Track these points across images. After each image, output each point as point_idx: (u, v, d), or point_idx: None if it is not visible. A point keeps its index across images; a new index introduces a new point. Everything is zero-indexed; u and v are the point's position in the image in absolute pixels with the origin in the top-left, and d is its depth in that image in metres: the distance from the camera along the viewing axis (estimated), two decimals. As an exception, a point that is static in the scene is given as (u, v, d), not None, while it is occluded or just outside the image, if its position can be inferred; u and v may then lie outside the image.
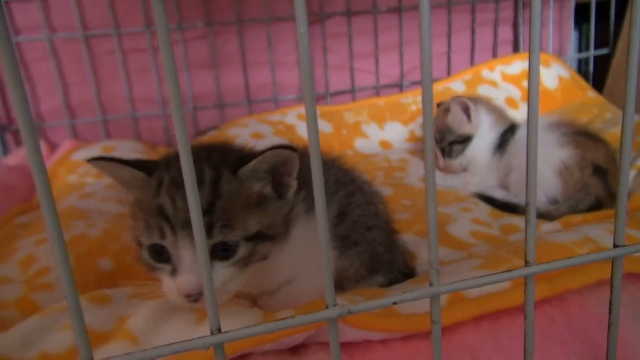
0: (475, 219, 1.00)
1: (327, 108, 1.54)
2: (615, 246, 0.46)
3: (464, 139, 1.21)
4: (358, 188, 0.77)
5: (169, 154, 0.63)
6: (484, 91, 1.55)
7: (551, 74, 1.60)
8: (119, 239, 0.88)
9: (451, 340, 0.55)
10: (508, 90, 1.57)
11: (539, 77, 0.41)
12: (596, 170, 1.00)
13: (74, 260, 0.78)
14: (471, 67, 1.69)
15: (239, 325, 0.41)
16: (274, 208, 0.59)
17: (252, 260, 0.56)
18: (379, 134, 1.53)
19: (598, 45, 1.74)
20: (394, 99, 1.60)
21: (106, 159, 0.56)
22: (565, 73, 1.63)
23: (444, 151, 1.25)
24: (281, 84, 1.58)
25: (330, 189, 0.70)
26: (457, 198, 1.14)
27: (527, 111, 0.42)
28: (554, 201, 1.02)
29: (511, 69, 1.61)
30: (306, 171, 0.46)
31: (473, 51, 1.73)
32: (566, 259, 0.44)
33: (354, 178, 0.80)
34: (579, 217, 0.93)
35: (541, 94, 1.57)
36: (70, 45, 1.41)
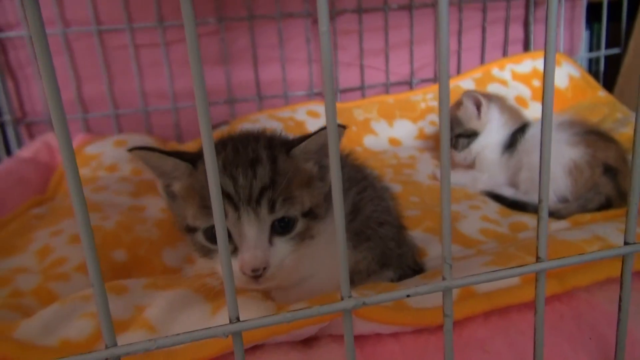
0: (484, 217, 1.00)
1: (337, 105, 1.53)
2: (626, 243, 0.46)
3: (470, 134, 1.23)
4: (369, 184, 0.78)
5: (217, 140, 0.65)
6: (494, 90, 1.55)
7: (562, 73, 1.60)
8: (132, 231, 0.90)
9: (461, 334, 0.56)
10: (518, 89, 1.57)
11: (554, 77, 0.42)
12: (607, 169, 1.00)
13: (89, 252, 0.80)
14: (481, 65, 1.69)
15: (254, 315, 0.42)
16: (318, 188, 0.62)
17: (306, 237, 0.59)
18: (388, 131, 1.53)
19: (609, 44, 1.73)
20: (403, 96, 1.61)
21: (148, 149, 0.58)
22: (575, 72, 1.63)
23: (451, 143, 1.26)
24: (291, 80, 1.59)
25: (344, 185, 0.71)
26: (466, 196, 1.15)
27: (541, 110, 0.43)
28: (564, 200, 1.02)
29: (521, 67, 1.61)
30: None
31: (483, 49, 1.73)
32: (577, 255, 0.45)
33: (365, 175, 0.81)
34: (588, 216, 0.94)
35: None
36: (84, 40, 1.43)
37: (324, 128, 0.57)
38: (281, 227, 0.57)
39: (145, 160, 0.59)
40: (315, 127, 1.42)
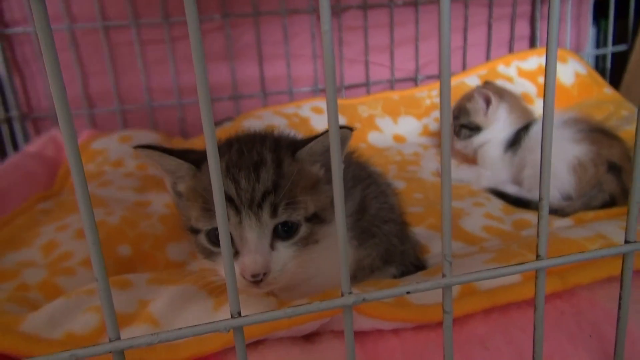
0: (487, 214, 1.00)
1: (341, 101, 1.55)
2: (627, 242, 0.47)
3: (473, 127, 1.23)
4: (373, 181, 0.79)
5: (223, 141, 0.65)
6: (501, 85, 1.54)
7: (568, 70, 1.59)
8: (136, 226, 0.90)
9: (462, 331, 0.56)
10: (524, 86, 1.56)
11: (556, 74, 0.42)
12: (611, 167, 1.00)
13: (94, 246, 0.80)
14: (487, 62, 1.68)
15: (256, 311, 0.43)
16: (324, 191, 0.61)
17: (309, 242, 0.58)
18: (392, 127, 1.53)
19: (616, 41, 1.72)
20: (408, 93, 1.61)
21: (152, 148, 0.58)
22: (582, 69, 1.62)
23: (454, 129, 1.28)
24: (296, 76, 1.59)
25: (348, 184, 0.71)
26: (470, 193, 1.15)
27: (542, 107, 0.43)
28: (568, 197, 1.02)
29: (527, 64, 1.61)
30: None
31: (489, 46, 1.73)
32: (577, 253, 0.45)
33: (369, 172, 0.81)
34: (591, 213, 0.93)
35: (557, 90, 1.56)
36: (90, 36, 1.44)
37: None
38: (284, 232, 0.56)
39: (149, 158, 0.59)
40: (320, 123, 1.43)
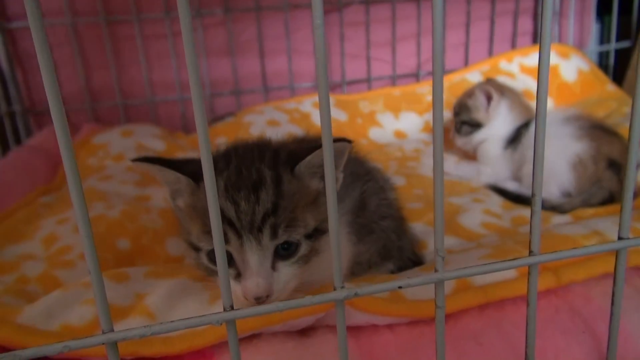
0: (486, 210, 1.00)
1: (342, 97, 1.55)
2: (620, 238, 0.47)
3: (474, 124, 1.23)
4: (372, 177, 0.79)
5: (221, 152, 0.63)
6: (502, 82, 1.54)
7: (570, 66, 1.58)
8: (136, 220, 0.91)
9: (456, 326, 0.56)
10: (525, 82, 1.56)
11: (549, 72, 0.42)
12: (610, 164, 1.00)
13: (93, 240, 0.81)
14: (489, 58, 1.68)
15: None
16: (324, 203, 0.58)
17: (311, 257, 0.57)
18: (393, 123, 1.53)
19: (620, 38, 1.71)
20: (410, 88, 1.60)
21: (150, 160, 0.56)
22: (584, 65, 1.61)
23: (455, 126, 1.28)
24: (297, 71, 1.59)
25: (347, 180, 0.71)
26: (469, 189, 1.15)
27: (535, 106, 0.43)
28: (567, 194, 1.02)
29: (529, 60, 1.60)
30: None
31: (492, 42, 1.72)
32: (570, 249, 0.45)
33: (368, 168, 0.81)
34: (591, 210, 0.93)
35: (559, 86, 1.58)
36: (92, 30, 1.44)
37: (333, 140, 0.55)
38: (284, 250, 0.55)
39: (149, 170, 0.58)
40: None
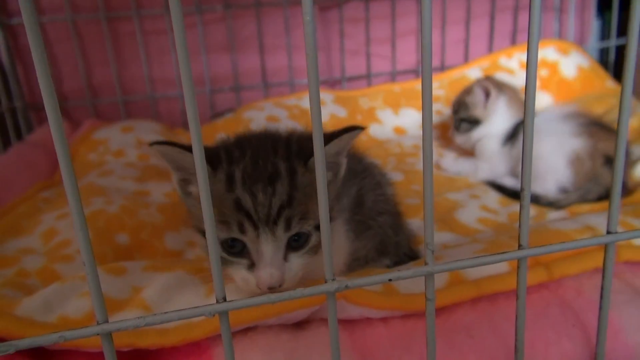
0: (483, 206, 1.01)
1: (342, 93, 1.55)
2: (609, 233, 0.47)
3: (473, 121, 1.23)
4: (369, 174, 0.79)
5: (225, 143, 0.64)
6: (501, 79, 1.54)
7: (570, 62, 1.58)
8: (135, 215, 0.92)
9: (448, 319, 0.57)
10: (525, 79, 1.55)
11: (537, 69, 0.42)
12: (607, 161, 1.00)
13: (93, 235, 0.82)
14: (489, 54, 1.68)
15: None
16: (331, 192, 0.60)
17: (319, 248, 0.58)
18: (393, 119, 1.54)
19: (621, 34, 1.70)
20: (409, 85, 1.61)
21: (170, 144, 0.57)
22: (584, 62, 1.61)
23: (454, 124, 1.28)
24: (297, 67, 1.59)
25: (344, 177, 0.71)
26: (467, 185, 1.16)
27: (524, 103, 0.43)
28: (564, 190, 1.03)
29: (529, 56, 1.59)
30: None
31: (492, 38, 1.72)
32: (558, 244, 0.46)
33: (365, 165, 0.81)
34: (587, 206, 0.94)
35: (559, 83, 1.58)
36: (93, 27, 1.45)
37: (344, 130, 0.56)
38: (295, 242, 0.56)
39: (164, 155, 0.57)
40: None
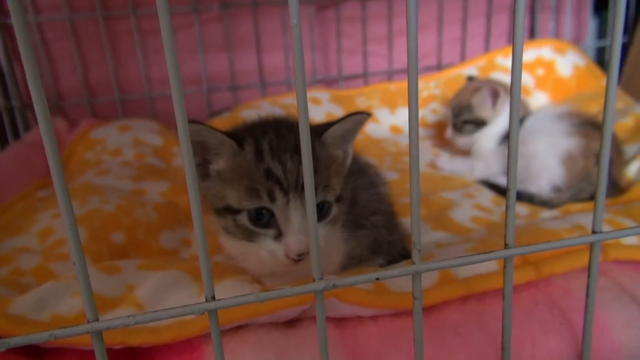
0: (477, 205, 1.01)
1: (339, 92, 1.56)
2: (594, 232, 0.48)
3: (478, 122, 1.22)
4: (364, 173, 0.80)
5: (246, 125, 0.67)
6: (497, 78, 1.54)
7: (566, 61, 1.59)
8: (131, 214, 0.92)
9: (437, 317, 0.58)
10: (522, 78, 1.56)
11: (521, 69, 0.43)
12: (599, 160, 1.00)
13: (88, 234, 0.82)
14: (485, 53, 1.68)
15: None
16: (342, 173, 0.64)
17: (337, 221, 0.61)
18: (389, 118, 1.54)
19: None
20: (406, 84, 1.60)
21: (200, 123, 0.58)
22: (580, 61, 1.61)
23: (455, 125, 1.26)
24: (294, 67, 1.59)
25: None
26: (462, 184, 1.16)
27: (510, 103, 0.44)
28: (557, 189, 1.03)
29: (525, 56, 1.60)
30: None
31: (488, 37, 1.72)
32: (544, 243, 0.46)
33: (360, 165, 0.82)
34: (579, 205, 0.94)
35: (554, 82, 1.59)
36: (90, 26, 1.45)
37: (351, 114, 0.59)
38: (319, 211, 0.58)
39: (195, 134, 0.58)
40: (317, 114, 1.44)
